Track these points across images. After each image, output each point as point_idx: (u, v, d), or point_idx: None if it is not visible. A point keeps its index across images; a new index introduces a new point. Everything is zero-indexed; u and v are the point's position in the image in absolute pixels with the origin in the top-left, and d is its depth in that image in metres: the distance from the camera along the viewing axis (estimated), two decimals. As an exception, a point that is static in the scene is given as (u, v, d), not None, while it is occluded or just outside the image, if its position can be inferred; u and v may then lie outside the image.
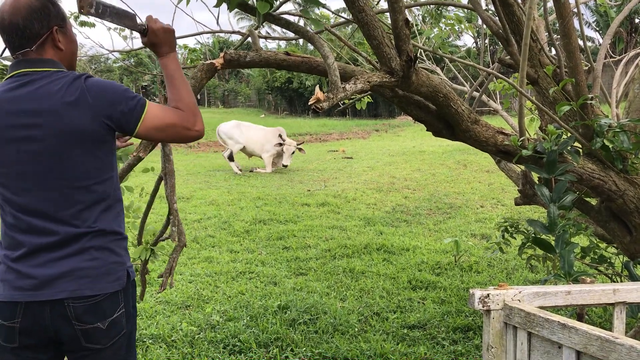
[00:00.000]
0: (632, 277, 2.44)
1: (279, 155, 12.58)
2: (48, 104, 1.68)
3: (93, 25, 3.81)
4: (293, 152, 12.54)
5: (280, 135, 12.49)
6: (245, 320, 4.17)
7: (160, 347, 3.78)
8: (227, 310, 4.39)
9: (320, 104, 1.89)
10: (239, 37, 3.73)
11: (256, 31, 2.69)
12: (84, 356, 1.79)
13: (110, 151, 1.80)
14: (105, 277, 1.77)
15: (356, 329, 4.05)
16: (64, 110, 1.68)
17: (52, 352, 1.81)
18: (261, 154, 12.71)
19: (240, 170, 12.35)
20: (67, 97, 1.69)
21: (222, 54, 2.40)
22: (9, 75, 1.75)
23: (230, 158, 12.45)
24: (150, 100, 1.96)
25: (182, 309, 4.49)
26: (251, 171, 12.65)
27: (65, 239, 1.73)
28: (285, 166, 12.44)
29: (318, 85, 2.11)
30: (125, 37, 3.85)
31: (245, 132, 12.80)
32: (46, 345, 1.77)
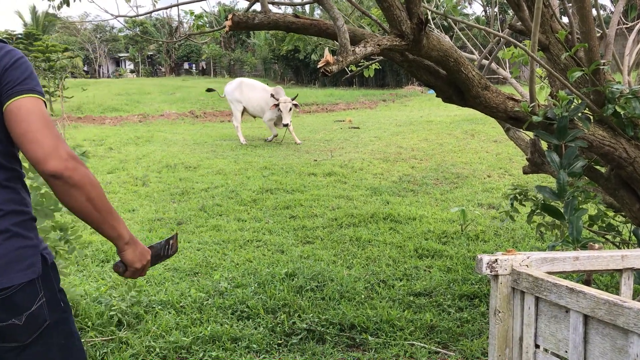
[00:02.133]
0: (641, 244, 2.43)
1: (280, 118, 11.87)
2: None
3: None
4: (290, 109, 11.72)
5: (272, 95, 11.77)
6: (253, 287, 4.21)
7: (169, 312, 3.82)
8: (235, 277, 4.43)
9: (330, 67, 1.87)
10: (245, 5, 3.69)
11: (264, -5, 2.64)
12: (9, 357, 1.57)
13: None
14: (13, 265, 1.52)
15: (362, 296, 4.09)
16: None
17: None
18: (262, 116, 12.33)
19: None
20: None
21: (230, 16, 2.37)
22: None
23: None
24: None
25: (190, 275, 4.53)
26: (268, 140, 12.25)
27: None
28: (286, 125, 11.70)
29: (327, 48, 2.08)
30: (128, 0, 3.80)
31: (246, 92, 12.42)
32: None
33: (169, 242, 1.92)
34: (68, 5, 3.82)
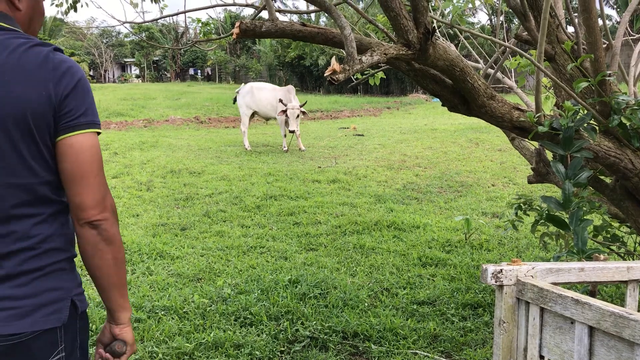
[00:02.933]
0: (646, 256, 2.42)
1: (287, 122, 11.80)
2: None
3: (107, -5, 3.79)
4: (298, 116, 11.61)
5: (280, 101, 11.66)
6: (256, 294, 4.20)
7: (172, 318, 3.82)
8: (239, 283, 4.43)
9: (336, 76, 1.87)
10: (251, 12, 3.70)
11: (272, 2, 2.66)
12: None
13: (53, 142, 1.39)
14: (39, 308, 1.35)
15: (366, 304, 4.08)
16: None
17: None
18: (275, 115, 12.20)
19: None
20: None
21: (237, 24, 2.38)
22: None
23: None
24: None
25: (194, 281, 4.54)
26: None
27: None
28: (292, 132, 11.56)
29: (333, 57, 2.09)
30: (136, 5, 3.83)
31: (257, 94, 12.47)
32: None
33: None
34: (75, 10, 3.85)
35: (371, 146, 12.25)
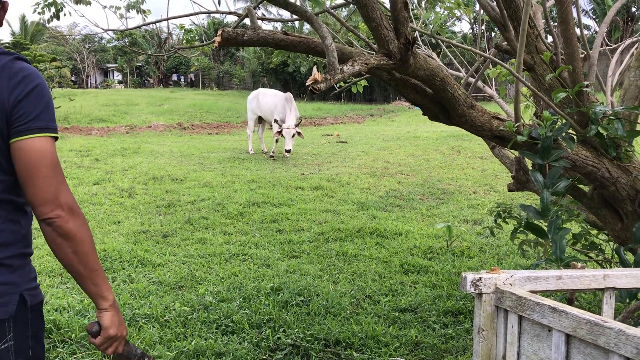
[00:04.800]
0: (623, 263, 2.46)
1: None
2: None
3: (89, 3, 3.77)
4: (293, 135, 11.78)
5: (276, 121, 11.91)
6: (238, 302, 4.19)
7: (153, 326, 3.79)
8: (220, 291, 4.41)
9: (318, 85, 1.88)
10: (234, 19, 3.71)
11: (254, 11, 2.67)
12: None
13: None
14: None
15: (348, 312, 4.09)
16: None
17: None
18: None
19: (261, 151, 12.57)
20: None
21: (219, 32, 2.39)
22: None
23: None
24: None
25: (175, 289, 4.51)
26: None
27: None
28: (288, 151, 11.68)
29: (315, 66, 2.10)
30: (121, 16, 3.82)
31: (261, 99, 12.77)
32: None
33: (145, 356, 1.79)
34: (58, 19, 3.82)
35: (354, 153, 12.29)
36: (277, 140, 12.17)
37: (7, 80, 1.42)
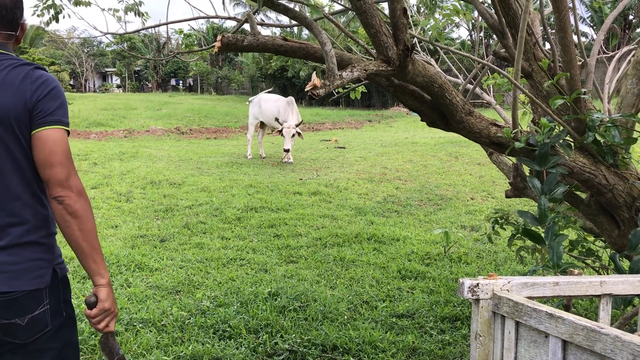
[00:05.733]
0: (618, 270, 2.47)
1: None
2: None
3: (89, 4, 3.77)
4: (293, 135, 11.81)
5: (277, 119, 11.97)
6: (235, 307, 4.19)
7: (151, 331, 3.79)
8: (218, 296, 4.41)
9: (317, 91, 1.89)
10: (233, 24, 3.71)
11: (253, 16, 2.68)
12: (9, 350, 1.80)
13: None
14: (25, 273, 1.74)
15: (345, 317, 4.09)
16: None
17: None
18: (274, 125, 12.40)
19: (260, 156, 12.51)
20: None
21: (219, 37, 2.40)
22: None
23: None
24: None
25: (172, 294, 4.50)
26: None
27: None
28: (287, 150, 11.77)
29: (314, 72, 2.11)
30: (119, 18, 3.82)
31: (263, 105, 12.75)
32: None
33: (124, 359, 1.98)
34: (57, 21, 3.83)
35: (352, 159, 12.30)
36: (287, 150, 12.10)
37: (30, 85, 1.72)
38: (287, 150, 11.80)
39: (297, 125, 11.92)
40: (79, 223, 1.74)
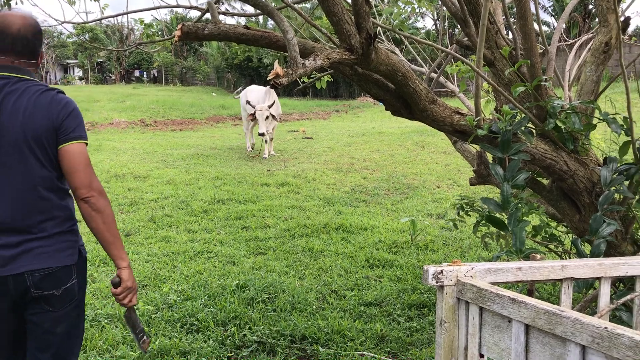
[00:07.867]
0: (580, 254, 2.52)
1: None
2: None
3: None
4: (267, 118, 11.30)
5: (248, 102, 11.49)
6: (203, 300, 4.15)
7: (116, 326, 3.73)
8: (185, 289, 4.37)
9: (280, 80, 1.87)
10: (197, 14, 3.64)
11: (215, 5, 2.63)
12: (33, 318, 2.16)
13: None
14: (61, 253, 2.14)
15: (314, 307, 4.09)
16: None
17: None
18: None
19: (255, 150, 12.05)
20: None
21: (179, 26, 2.35)
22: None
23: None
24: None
25: (138, 288, 4.42)
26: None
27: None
28: (262, 134, 11.26)
29: (277, 60, 2.09)
30: (73, 3, 3.70)
31: (248, 96, 12.08)
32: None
33: (145, 334, 2.40)
34: (9, 8, 3.70)
35: (320, 149, 12.30)
36: (265, 141, 11.74)
37: (56, 107, 2.10)
38: (262, 134, 11.27)
39: (270, 106, 11.37)
40: (102, 217, 2.13)
